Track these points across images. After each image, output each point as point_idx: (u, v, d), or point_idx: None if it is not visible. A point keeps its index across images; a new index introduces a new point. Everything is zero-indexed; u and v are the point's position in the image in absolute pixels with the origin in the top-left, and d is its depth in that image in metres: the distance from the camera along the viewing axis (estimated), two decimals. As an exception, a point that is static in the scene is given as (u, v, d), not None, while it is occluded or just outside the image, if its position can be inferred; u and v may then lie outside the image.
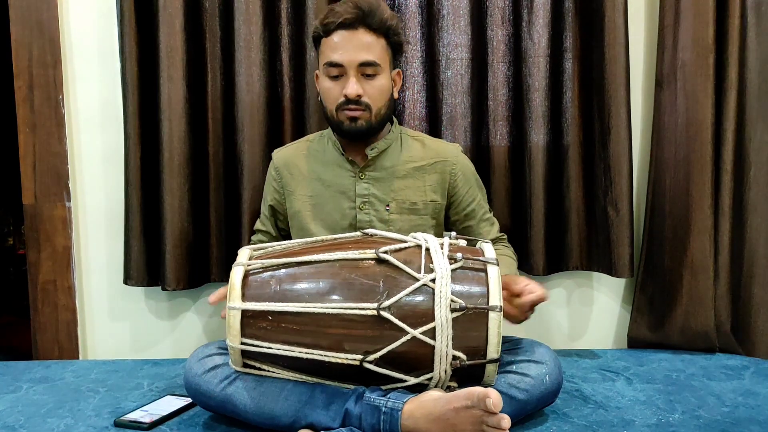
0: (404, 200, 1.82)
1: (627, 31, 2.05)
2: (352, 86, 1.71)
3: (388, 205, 1.81)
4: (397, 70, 1.85)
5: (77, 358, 2.22)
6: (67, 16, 2.17)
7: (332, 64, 1.72)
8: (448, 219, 1.91)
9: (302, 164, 1.88)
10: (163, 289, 2.10)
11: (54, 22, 2.14)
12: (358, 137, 1.78)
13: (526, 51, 2.11)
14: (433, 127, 2.14)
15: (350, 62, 1.71)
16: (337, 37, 1.72)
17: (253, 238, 2.01)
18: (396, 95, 1.84)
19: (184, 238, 2.09)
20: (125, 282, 2.12)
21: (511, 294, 1.60)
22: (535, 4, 2.09)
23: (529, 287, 1.58)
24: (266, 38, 2.10)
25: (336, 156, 1.84)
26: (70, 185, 2.18)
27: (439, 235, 1.86)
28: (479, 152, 2.16)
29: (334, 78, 1.74)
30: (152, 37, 2.06)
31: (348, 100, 1.72)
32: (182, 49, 2.05)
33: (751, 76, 2.08)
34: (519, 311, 1.59)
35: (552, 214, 2.15)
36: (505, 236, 2.00)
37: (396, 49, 1.81)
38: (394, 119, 1.90)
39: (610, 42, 2.05)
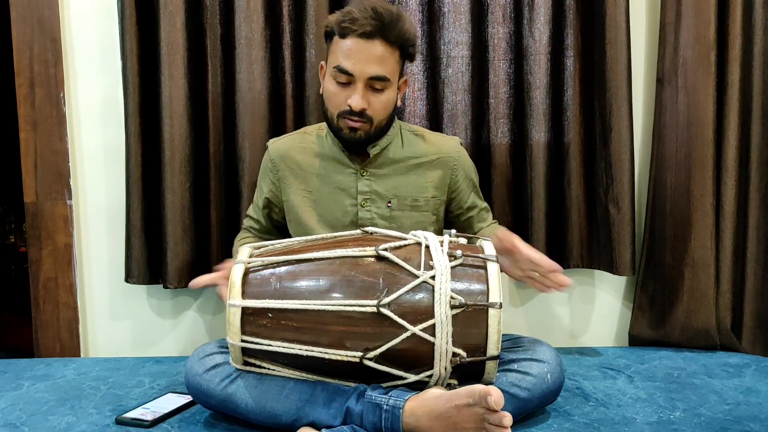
0: (406, 197, 1.81)
1: (628, 29, 2.05)
2: (358, 100, 1.67)
3: (389, 202, 1.81)
4: (404, 78, 1.81)
5: (79, 355, 2.23)
6: (68, 14, 2.17)
7: (341, 70, 1.67)
8: (450, 213, 1.90)
9: (300, 157, 1.86)
10: (165, 287, 2.10)
11: (55, 20, 2.14)
12: (356, 145, 1.77)
13: (527, 49, 2.11)
14: (434, 124, 2.14)
15: (360, 74, 1.66)
16: (352, 43, 1.65)
17: (244, 222, 2.00)
18: (399, 103, 1.81)
19: (185, 235, 2.09)
20: (126, 280, 2.12)
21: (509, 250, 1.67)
22: (536, 1, 2.09)
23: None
24: (267, 36, 2.10)
25: (336, 152, 1.82)
26: (71, 183, 2.18)
27: (438, 230, 1.86)
28: (480, 150, 2.16)
29: (341, 84, 1.69)
30: (153, 35, 2.06)
31: (351, 111, 1.68)
32: (183, 47, 2.05)
33: (756, 74, 2.08)
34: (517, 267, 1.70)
35: (553, 212, 2.15)
36: (496, 221, 2.01)
37: (408, 59, 1.77)
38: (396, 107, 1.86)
39: (612, 40, 2.04)
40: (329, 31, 1.72)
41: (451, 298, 1.39)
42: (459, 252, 1.45)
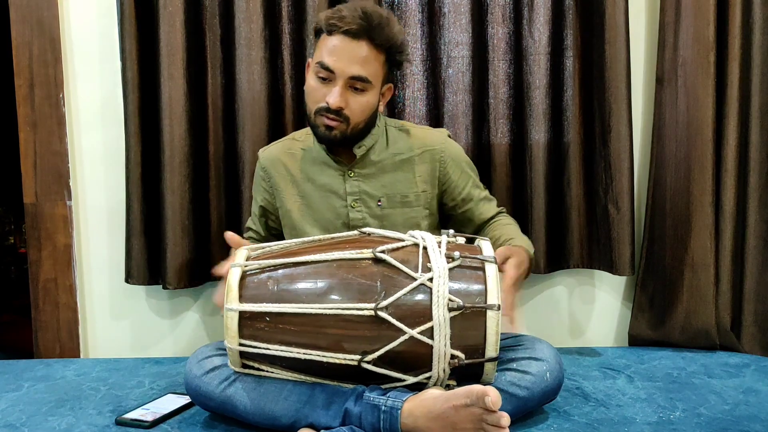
0: (395, 194, 1.81)
1: (628, 29, 2.05)
2: (335, 97, 1.65)
3: (379, 201, 1.80)
4: (389, 84, 1.80)
5: (78, 356, 2.23)
6: (67, 14, 2.17)
7: (323, 66, 1.66)
8: (445, 206, 1.89)
9: (290, 163, 1.86)
10: (164, 287, 2.11)
11: (54, 21, 2.14)
12: (331, 144, 1.76)
13: (526, 49, 2.11)
14: (435, 125, 2.14)
15: (342, 72, 1.65)
16: (337, 41, 1.65)
17: (244, 236, 1.99)
18: (381, 109, 1.81)
19: (185, 236, 2.09)
20: (126, 281, 2.13)
21: None
22: (536, 1, 2.09)
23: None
24: (267, 36, 2.10)
25: (323, 155, 1.81)
26: (70, 184, 2.19)
27: (433, 224, 1.86)
28: (480, 150, 2.15)
29: (322, 80, 1.68)
30: (153, 36, 2.07)
31: (328, 108, 1.67)
32: (183, 48, 2.05)
33: (755, 73, 2.08)
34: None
35: (553, 212, 2.15)
36: (504, 209, 1.96)
37: (395, 66, 1.77)
38: (378, 113, 1.85)
39: (611, 40, 2.04)
40: (318, 29, 1.71)
41: (449, 300, 1.39)
42: (457, 253, 1.45)
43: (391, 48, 1.69)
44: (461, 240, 1.56)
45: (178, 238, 2.08)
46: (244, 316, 1.43)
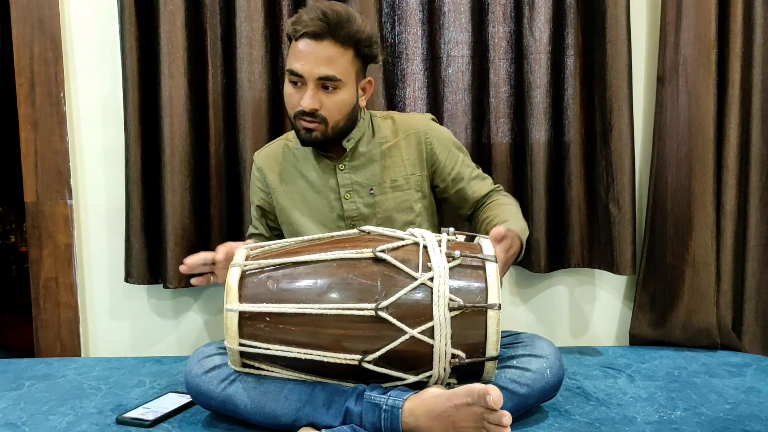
0: (385, 180, 1.83)
1: (629, 28, 2.05)
2: (307, 100, 1.68)
3: (371, 189, 1.82)
4: (368, 78, 1.81)
5: (79, 355, 2.23)
6: (68, 13, 2.17)
7: (293, 72, 1.69)
8: (437, 188, 1.90)
9: (283, 162, 1.89)
10: (165, 287, 2.11)
11: (55, 20, 2.14)
12: (314, 146, 1.79)
13: (527, 48, 2.11)
14: (435, 123, 2.14)
15: (309, 75, 1.67)
16: (302, 44, 1.67)
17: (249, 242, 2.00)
18: (363, 104, 1.82)
19: (185, 235, 2.09)
20: (126, 280, 2.13)
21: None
22: (537, 0, 2.09)
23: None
24: (267, 35, 2.10)
25: (314, 152, 1.84)
26: (71, 183, 2.19)
27: (428, 207, 1.87)
28: (480, 149, 2.16)
29: (295, 85, 1.71)
30: (153, 34, 2.07)
31: (304, 112, 1.70)
32: (183, 46, 2.05)
33: (756, 72, 2.08)
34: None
35: (554, 212, 2.15)
36: (500, 186, 1.97)
37: (368, 60, 1.78)
38: (363, 107, 1.87)
39: (612, 38, 2.04)
40: (288, 36, 1.74)
41: (450, 299, 1.39)
42: (457, 252, 1.45)
43: (358, 42, 1.70)
44: (461, 238, 1.56)
45: (179, 238, 2.07)
46: (243, 316, 1.43)
